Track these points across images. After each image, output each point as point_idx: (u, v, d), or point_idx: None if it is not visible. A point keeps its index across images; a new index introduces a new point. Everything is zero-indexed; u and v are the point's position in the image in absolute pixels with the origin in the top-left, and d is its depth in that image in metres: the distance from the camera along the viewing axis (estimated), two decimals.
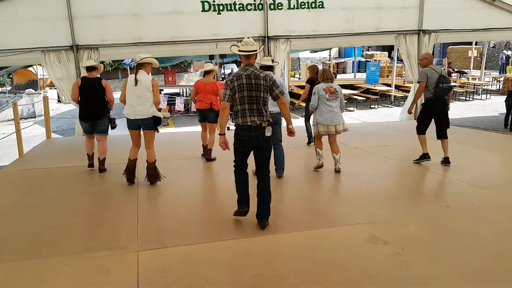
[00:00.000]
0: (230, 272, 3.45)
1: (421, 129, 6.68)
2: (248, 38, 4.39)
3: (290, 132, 4.41)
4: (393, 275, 3.34)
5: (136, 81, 5.54)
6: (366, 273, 3.38)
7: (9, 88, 26.75)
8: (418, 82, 6.48)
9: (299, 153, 7.63)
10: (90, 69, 6.61)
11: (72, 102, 6.66)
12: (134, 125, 5.68)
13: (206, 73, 7.17)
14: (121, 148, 7.03)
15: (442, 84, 6.28)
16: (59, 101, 23.92)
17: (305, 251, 3.78)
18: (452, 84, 6.65)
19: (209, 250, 3.83)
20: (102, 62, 16.98)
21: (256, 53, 4.36)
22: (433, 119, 6.57)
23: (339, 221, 4.48)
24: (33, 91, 22.18)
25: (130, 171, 5.88)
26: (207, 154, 7.20)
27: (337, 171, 6.31)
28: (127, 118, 5.68)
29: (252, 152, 4.35)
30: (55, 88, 18.30)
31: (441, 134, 6.54)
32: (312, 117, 6.57)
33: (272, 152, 5.08)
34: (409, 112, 7.30)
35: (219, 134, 4.38)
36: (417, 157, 6.73)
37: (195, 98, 7.17)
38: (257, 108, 4.18)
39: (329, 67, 22.41)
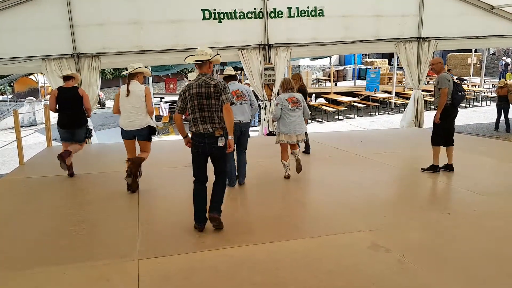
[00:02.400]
0: (230, 280, 3.43)
1: (439, 140, 6.45)
2: (200, 48, 4.44)
3: (229, 146, 4.33)
4: (394, 283, 3.32)
5: (128, 91, 5.51)
6: (368, 280, 3.36)
7: (10, 96, 26.86)
8: (439, 88, 6.21)
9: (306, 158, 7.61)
10: (66, 78, 6.64)
11: (52, 111, 6.73)
12: (129, 135, 5.69)
13: None
14: (116, 157, 7.03)
15: (460, 92, 6.20)
16: None
17: (306, 259, 3.76)
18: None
19: (210, 258, 3.81)
20: (102, 70, 17.07)
21: (209, 61, 4.35)
22: None
23: (340, 229, 4.46)
24: (34, 99, 22.26)
25: (135, 169, 5.71)
26: None
27: (298, 160, 6.22)
28: (121, 129, 5.67)
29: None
30: None
31: (449, 141, 6.49)
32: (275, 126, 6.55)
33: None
34: (437, 121, 6.38)
35: (183, 137, 4.51)
36: (426, 166, 6.61)
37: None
38: (209, 116, 4.24)
39: (329, 74, 22.45)
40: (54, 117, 7.43)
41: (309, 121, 6.00)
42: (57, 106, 6.58)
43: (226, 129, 4.29)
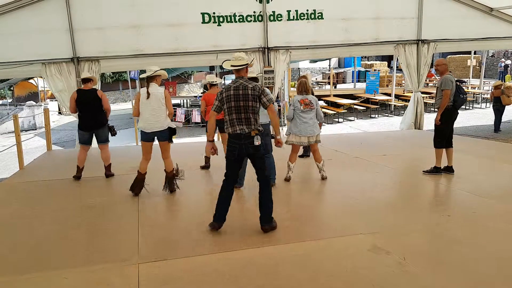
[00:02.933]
0: (232, 283, 3.43)
1: (441, 142, 6.44)
2: (237, 53, 4.59)
3: (278, 143, 4.64)
4: (395, 285, 3.32)
5: (148, 94, 5.58)
6: (368, 283, 3.36)
7: (10, 100, 26.87)
8: (442, 90, 6.20)
9: (298, 163, 7.62)
10: (85, 80, 6.78)
11: (72, 114, 6.90)
12: (149, 137, 5.75)
13: (213, 85, 7.26)
14: (122, 159, 7.04)
15: (462, 94, 6.21)
16: (59, 113, 23.97)
17: (307, 262, 3.76)
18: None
19: (211, 261, 3.81)
20: (102, 74, 17.08)
21: (246, 66, 4.53)
22: None
23: (340, 231, 4.46)
24: (34, 103, 22.27)
25: (138, 185, 5.86)
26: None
27: (323, 178, 6.43)
28: (141, 131, 5.74)
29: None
30: (56, 100, 18.37)
31: (449, 143, 6.50)
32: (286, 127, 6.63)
33: None
34: (437, 122, 6.44)
35: (208, 141, 4.47)
36: (426, 168, 6.61)
37: (205, 110, 7.17)
38: (245, 117, 4.36)
39: (328, 77, 22.52)
40: (54, 121, 7.48)
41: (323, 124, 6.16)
42: (77, 108, 6.75)
43: (261, 130, 4.46)
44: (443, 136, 6.45)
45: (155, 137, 5.76)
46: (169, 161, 5.92)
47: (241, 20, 10.63)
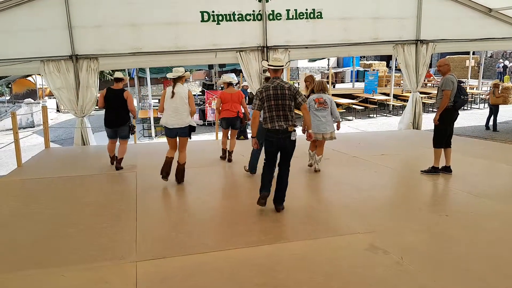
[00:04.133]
0: (230, 282, 3.43)
1: (440, 142, 6.45)
2: (275, 55, 5.09)
3: (309, 136, 5.18)
4: (392, 285, 3.33)
5: (173, 93, 6.00)
6: (366, 282, 3.37)
7: (8, 97, 26.80)
8: (443, 90, 6.20)
9: (298, 162, 7.62)
10: (117, 80, 7.28)
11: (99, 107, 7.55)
12: (172, 133, 6.17)
13: (230, 84, 7.69)
14: (128, 157, 7.03)
15: (463, 95, 6.21)
16: (58, 110, 23.99)
17: (305, 261, 3.77)
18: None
19: (209, 260, 3.81)
20: (101, 72, 17.07)
21: (283, 68, 4.99)
22: None
23: (338, 231, 4.47)
24: (32, 100, 22.20)
25: (167, 167, 6.20)
26: (228, 155, 7.80)
27: (316, 171, 6.78)
28: (165, 127, 6.17)
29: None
30: (54, 98, 18.35)
31: (448, 144, 6.51)
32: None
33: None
34: (435, 121, 6.46)
35: (252, 137, 5.07)
36: (424, 168, 6.63)
37: (220, 108, 7.65)
38: (283, 114, 4.81)
39: (327, 77, 22.55)
40: (52, 119, 7.55)
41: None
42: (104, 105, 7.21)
43: (296, 125, 4.92)
44: (443, 136, 6.45)
45: (177, 133, 6.17)
46: (184, 154, 6.30)
47: (240, 19, 10.62)
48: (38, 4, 9.58)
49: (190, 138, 6.35)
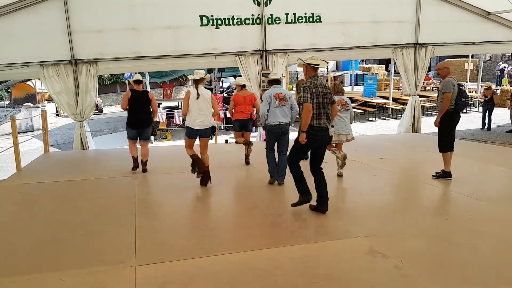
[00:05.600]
0: (230, 286, 3.42)
1: (447, 146, 6.38)
2: (313, 54, 5.09)
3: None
4: None
5: (198, 95, 6.11)
6: (366, 286, 3.35)
7: (7, 102, 26.81)
8: (443, 93, 6.17)
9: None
10: (137, 82, 7.31)
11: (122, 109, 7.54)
12: (195, 134, 6.27)
13: (243, 87, 7.79)
14: (113, 162, 7.01)
15: (464, 98, 6.17)
16: (57, 115, 24.00)
17: (305, 265, 3.75)
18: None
19: (208, 264, 3.80)
20: (100, 76, 17.07)
21: (321, 67, 5.10)
22: None
23: (338, 235, 4.46)
24: (32, 105, 22.20)
25: (197, 163, 6.30)
26: (246, 158, 7.87)
27: (339, 175, 6.77)
28: (188, 128, 6.25)
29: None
30: (54, 102, 18.36)
31: (450, 147, 6.45)
32: None
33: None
34: (436, 124, 6.45)
35: (302, 131, 4.84)
36: (436, 173, 6.55)
37: (233, 110, 7.73)
38: (326, 113, 4.90)
39: (326, 80, 22.56)
40: (51, 123, 7.52)
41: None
42: (128, 106, 7.24)
43: (333, 125, 5.12)
44: (447, 139, 6.38)
45: (198, 135, 6.27)
46: (206, 156, 6.42)
47: (239, 23, 10.66)
48: (37, 9, 9.61)
49: (211, 139, 6.53)
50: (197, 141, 6.37)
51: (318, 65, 4.97)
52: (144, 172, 7.33)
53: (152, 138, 7.57)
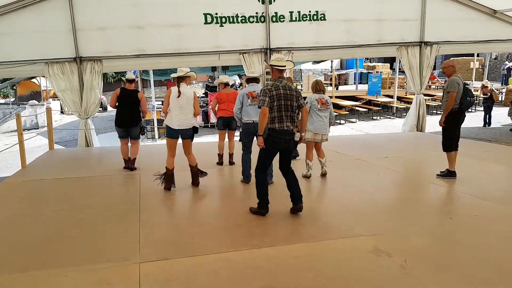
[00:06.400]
0: (232, 284, 3.42)
1: (451, 145, 6.34)
2: (278, 54, 5.06)
3: (301, 139, 5.00)
4: None
5: (179, 93, 5.85)
6: (369, 285, 3.35)
7: (12, 99, 26.92)
8: (448, 92, 6.12)
9: (299, 164, 7.61)
10: (129, 81, 7.27)
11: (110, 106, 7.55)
12: (175, 134, 6.01)
13: (226, 84, 7.72)
14: (117, 160, 7.04)
15: (469, 97, 6.12)
16: (62, 112, 24.09)
17: (308, 263, 3.75)
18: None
19: (212, 262, 3.81)
20: (104, 74, 17.10)
21: (287, 69, 4.96)
22: None
23: (341, 233, 4.45)
24: (36, 102, 22.31)
25: (169, 180, 6.12)
26: (230, 158, 7.78)
27: (323, 174, 6.70)
28: (168, 127, 5.99)
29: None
30: (58, 100, 18.41)
31: (455, 146, 6.41)
32: None
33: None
34: (441, 124, 6.39)
35: (259, 135, 4.82)
36: (441, 172, 6.53)
37: (216, 108, 7.70)
38: (290, 116, 4.79)
39: (330, 78, 22.52)
40: (56, 120, 7.57)
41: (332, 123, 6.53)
42: (117, 104, 7.18)
43: (298, 127, 4.92)
44: (452, 139, 6.35)
45: (179, 135, 6.02)
46: (192, 156, 6.23)
47: (243, 21, 10.64)
48: (42, 7, 9.64)
49: (192, 140, 6.24)
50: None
51: (284, 66, 4.85)
52: (131, 170, 7.34)
53: (141, 137, 7.48)
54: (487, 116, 14.52)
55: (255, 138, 6.12)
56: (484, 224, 4.63)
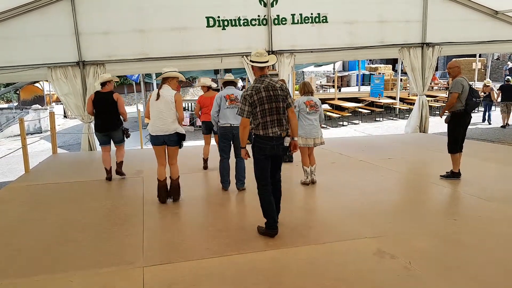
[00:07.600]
0: (237, 287, 3.42)
1: (455, 147, 6.31)
2: (258, 50, 4.41)
3: (295, 147, 4.45)
4: None
5: (158, 95, 5.37)
6: (374, 287, 3.34)
7: (15, 103, 27.03)
8: (451, 92, 6.10)
9: (294, 169, 7.61)
10: (103, 84, 6.91)
11: (88, 114, 7.19)
12: (158, 141, 5.47)
13: (209, 88, 7.49)
14: (128, 162, 7.05)
15: (475, 98, 6.08)
16: (65, 116, 24.15)
17: (312, 266, 3.74)
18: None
19: (216, 265, 3.81)
20: None
21: (269, 64, 4.35)
22: None
23: (345, 235, 4.45)
24: (40, 106, 22.40)
25: (162, 192, 5.70)
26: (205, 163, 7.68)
27: (313, 182, 6.42)
28: (150, 135, 5.52)
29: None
30: (62, 104, 18.48)
31: (460, 148, 6.38)
32: None
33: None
34: (441, 116, 6.59)
35: (241, 148, 4.47)
36: (444, 173, 6.51)
37: (199, 112, 7.51)
38: (277, 119, 4.26)
39: (333, 80, 22.50)
40: (59, 125, 7.57)
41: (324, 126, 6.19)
42: (94, 110, 6.85)
43: (288, 130, 4.36)
44: (456, 140, 6.32)
45: (164, 141, 5.50)
46: (175, 167, 5.68)
47: (245, 23, 10.67)
48: (45, 11, 9.69)
49: (180, 147, 5.65)
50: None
51: (266, 62, 4.28)
52: (118, 174, 7.04)
53: (126, 140, 7.18)
54: (487, 114, 15.49)
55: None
56: (489, 225, 4.61)
